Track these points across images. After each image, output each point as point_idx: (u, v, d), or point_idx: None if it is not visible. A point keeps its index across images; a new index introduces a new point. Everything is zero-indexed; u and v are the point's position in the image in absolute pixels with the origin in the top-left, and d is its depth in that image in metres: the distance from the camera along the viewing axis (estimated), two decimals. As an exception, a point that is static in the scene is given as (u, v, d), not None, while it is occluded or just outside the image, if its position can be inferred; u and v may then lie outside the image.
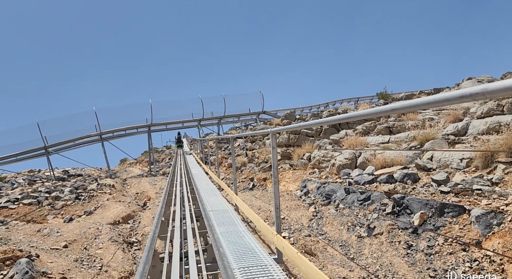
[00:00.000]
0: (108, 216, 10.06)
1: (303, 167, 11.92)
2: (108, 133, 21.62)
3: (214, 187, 8.58)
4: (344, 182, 8.10)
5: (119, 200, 12.98)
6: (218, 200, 6.56)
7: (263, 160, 15.60)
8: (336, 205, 7.33)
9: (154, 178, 20.47)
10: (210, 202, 6.23)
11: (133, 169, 26.49)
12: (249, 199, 10.18)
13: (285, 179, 11.61)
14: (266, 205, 8.92)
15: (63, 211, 11.73)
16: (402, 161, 7.81)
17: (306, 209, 7.87)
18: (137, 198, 14.81)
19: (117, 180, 19.93)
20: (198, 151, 20.91)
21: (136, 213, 10.84)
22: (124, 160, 39.51)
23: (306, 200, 8.47)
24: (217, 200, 6.56)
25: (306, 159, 12.01)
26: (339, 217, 6.76)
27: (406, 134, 10.34)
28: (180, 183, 9.01)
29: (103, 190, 14.20)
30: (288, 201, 8.76)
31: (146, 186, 18.12)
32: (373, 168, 7.94)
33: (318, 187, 8.62)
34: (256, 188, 12.06)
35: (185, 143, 35.81)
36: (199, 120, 23.80)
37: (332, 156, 10.87)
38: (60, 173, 22.56)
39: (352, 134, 13.81)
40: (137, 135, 23.20)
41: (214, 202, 6.23)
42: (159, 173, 22.66)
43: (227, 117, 24.23)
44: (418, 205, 5.45)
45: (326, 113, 15.74)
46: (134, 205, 12.05)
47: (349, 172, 8.62)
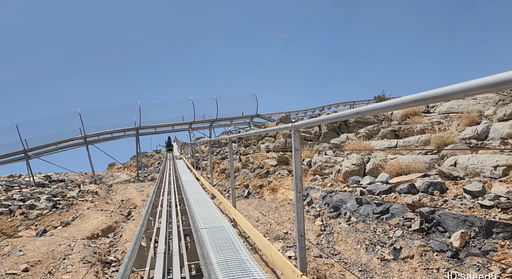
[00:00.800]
0: (86, 228, 8.92)
1: (303, 173, 10.94)
2: (94, 136, 20.39)
3: (206, 196, 7.53)
4: (354, 191, 7.13)
5: (101, 209, 11.82)
6: (212, 213, 5.53)
7: (258, 165, 14.59)
8: (347, 218, 6.36)
9: (142, 184, 19.28)
10: (202, 216, 5.20)
11: (121, 174, 25.21)
12: (244, 209, 9.15)
13: (284, 186, 10.61)
14: (264, 217, 7.90)
15: (38, 222, 10.54)
16: (419, 168, 6.88)
17: (311, 222, 6.87)
18: (122, 206, 13.64)
19: (101, 186, 18.68)
20: (189, 156, 19.82)
21: (118, 224, 9.71)
22: (113, 164, 38.10)
23: (311, 211, 7.48)
24: (210, 213, 5.52)
25: (306, 165, 11.05)
26: (353, 233, 5.78)
27: (415, 138, 9.46)
28: (168, 191, 7.95)
29: (84, 198, 13.01)
30: (289, 212, 7.76)
31: (133, 193, 16.93)
32: (387, 175, 7.00)
33: (323, 196, 7.64)
34: (252, 196, 11.03)
35: (175, 148, 34.61)
36: (190, 123, 22.71)
37: (335, 162, 9.92)
38: (41, 179, 21.19)
39: (354, 138, 12.92)
40: (124, 138, 22.01)
41: (207, 216, 5.20)
42: (147, 178, 21.46)
43: (219, 120, 23.19)
44: (454, 222, 4.50)
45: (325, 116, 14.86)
46: (117, 214, 10.90)
47: (359, 179, 7.67)
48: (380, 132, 11.73)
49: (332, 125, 14.55)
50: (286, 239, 6.35)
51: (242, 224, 4.28)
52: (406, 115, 13.21)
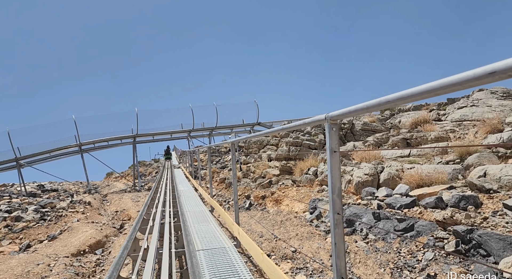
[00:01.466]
0: (73, 243, 8.13)
1: (309, 183, 10.19)
2: (89, 144, 19.65)
3: (204, 208, 6.77)
4: (370, 205, 6.39)
5: (93, 221, 11.01)
6: (211, 229, 4.77)
7: (260, 174, 13.84)
8: (363, 235, 5.60)
9: (138, 194, 18.45)
10: (200, 234, 4.45)
11: (117, 184, 24.39)
12: (246, 222, 8.38)
13: (288, 197, 9.85)
14: (269, 232, 7.12)
15: (23, 235, 9.73)
16: (443, 179, 6.16)
17: (322, 239, 6.11)
18: (115, 217, 12.83)
19: (96, 196, 17.86)
20: (187, 165, 19.06)
21: (109, 238, 8.91)
22: (110, 174, 37.29)
23: (320, 226, 6.72)
24: (209, 229, 4.77)
25: (312, 174, 10.31)
26: (372, 253, 5.01)
27: (432, 146, 8.74)
28: (163, 202, 7.18)
29: (75, 209, 12.20)
30: (297, 226, 6.99)
31: (128, 203, 16.11)
32: (407, 187, 6.26)
33: (334, 209, 6.87)
34: (254, 208, 10.26)
35: (174, 156, 33.86)
36: (189, 131, 22.00)
37: (344, 171, 9.18)
38: (34, 188, 20.38)
39: (361, 146, 12.21)
40: (121, 146, 21.27)
41: (205, 234, 4.44)
42: (144, 188, 20.64)
43: (219, 128, 22.49)
44: (500, 244, 3.76)
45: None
46: (109, 227, 10.10)
47: (373, 191, 6.92)
48: (390, 141, 11.03)
49: (339, 134, 13.84)
50: (295, 259, 5.58)
51: (248, 246, 3.52)
52: (416, 123, 12.54)
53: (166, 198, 8.01)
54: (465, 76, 0.98)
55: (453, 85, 1.02)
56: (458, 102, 12.46)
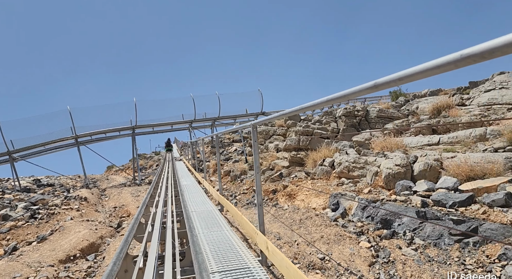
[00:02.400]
0: (62, 247, 7.14)
1: (325, 176, 9.17)
2: (86, 136, 18.60)
3: (212, 207, 5.73)
4: (409, 201, 5.36)
5: (88, 219, 10.02)
6: (226, 239, 3.73)
7: (268, 166, 12.82)
8: (407, 239, 4.57)
9: (138, 188, 17.47)
10: (212, 246, 3.42)
11: (116, 177, 23.41)
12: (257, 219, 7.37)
13: (303, 191, 8.84)
14: (287, 232, 6.11)
15: (10, 236, 8.77)
16: (498, 169, 5.11)
17: (355, 243, 5.09)
18: (113, 214, 11.84)
19: (93, 191, 16.88)
20: (189, 157, 18.05)
21: (104, 240, 7.92)
22: (111, 167, 36.35)
23: (348, 226, 5.71)
24: (224, 239, 3.72)
25: (329, 166, 9.27)
26: (426, 265, 3.99)
27: (465, 132, 7.69)
28: (165, 201, 6.15)
29: (69, 205, 11.21)
30: (320, 226, 5.97)
31: (127, 198, 15.12)
32: (454, 179, 5.22)
33: (363, 207, 5.86)
34: (265, 204, 9.24)
35: (175, 148, 32.84)
36: (191, 121, 20.92)
37: (367, 162, 8.14)
38: (29, 183, 19.39)
39: (378, 135, 11.15)
40: (119, 138, 20.21)
41: (220, 246, 3.41)
42: (144, 182, 19.65)
43: (221, 118, 21.41)
44: None
45: (343, 111, 13.12)
46: (105, 226, 9.11)
47: (409, 184, 5.89)
48: (413, 128, 9.97)
49: (351, 120, 12.80)
50: (325, 269, 4.56)
51: (285, 270, 2.45)
52: (437, 108, 11.46)
53: (167, 194, 6.97)
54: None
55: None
56: (484, 85, 11.36)
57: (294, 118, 17.40)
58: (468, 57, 0.89)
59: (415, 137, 9.40)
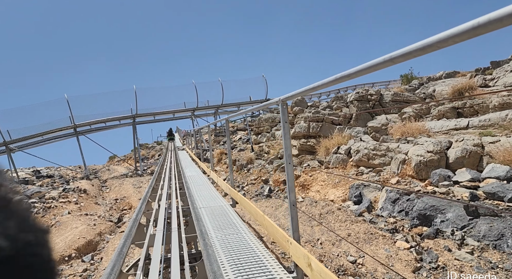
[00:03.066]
0: (58, 245, 6.45)
1: (341, 165, 8.42)
2: (85, 125, 17.86)
3: (223, 202, 4.99)
4: (451, 193, 4.60)
5: (86, 212, 9.34)
6: (246, 245, 2.99)
7: (276, 155, 12.08)
8: (457, 239, 3.83)
9: (140, 179, 16.80)
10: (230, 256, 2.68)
11: (118, 168, 22.73)
12: (272, 214, 6.66)
13: (318, 182, 8.11)
14: (306, 228, 5.38)
15: (2, 232, 8.08)
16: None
17: (390, 242, 4.35)
18: (114, 207, 11.18)
19: (94, 182, 16.22)
20: (193, 145, 17.31)
21: (103, 236, 7.24)
22: (113, 157, 35.73)
23: (378, 222, 4.97)
24: (243, 245, 2.98)
25: (345, 154, 8.51)
26: (490, 272, 3.25)
27: (502, 114, 6.89)
28: (168, 194, 5.42)
29: (67, 198, 10.53)
30: (345, 222, 5.23)
31: (129, 190, 14.46)
32: (506, 168, 4.45)
33: (393, 199, 5.12)
34: (275, 195, 8.54)
35: (177, 138, 32.13)
36: (193, 109, 20.12)
37: (388, 149, 7.38)
38: (29, 174, 18.75)
39: (395, 120, 10.36)
40: (120, 127, 19.48)
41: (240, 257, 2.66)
42: (146, 172, 18.99)
43: (225, 106, 20.59)
44: None
45: (355, 95, 12.31)
46: (105, 221, 8.43)
47: (448, 174, 5.12)
48: (435, 110, 9.16)
49: (363, 105, 11.98)
50: (360, 276, 3.84)
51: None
52: (458, 90, 10.62)
53: (171, 186, 6.24)
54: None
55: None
56: (509, 64, 10.49)
57: (301, 104, 16.56)
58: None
59: (438, 121, 8.61)
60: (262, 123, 16.54)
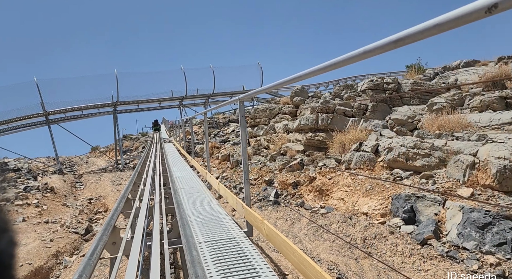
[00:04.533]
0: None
1: (366, 165, 6.72)
2: (58, 113, 15.68)
3: (235, 229, 3.18)
4: None
5: (47, 219, 7.40)
6: None
7: (278, 151, 10.33)
8: None
9: (120, 174, 14.81)
10: None
11: (98, 161, 20.56)
12: (289, 232, 4.92)
13: (340, 187, 6.39)
14: (349, 261, 3.65)
15: None
16: None
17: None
18: (86, 210, 9.24)
19: (67, 178, 14.15)
20: (181, 137, 15.38)
21: (60, 259, 5.35)
22: (96, 148, 33.28)
23: (464, 260, 3.29)
24: None
25: (371, 152, 6.82)
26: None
27: None
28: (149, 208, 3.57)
29: (27, 200, 8.53)
30: (412, 257, 3.52)
31: (106, 187, 12.49)
32: None
33: (482, 223, 3.44)
34: (284, 201, 6.83)
35: (163, 129, 30.00)
36: (181, 98, 18.14)
37: (433, 147, 5.72)
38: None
39: (421, 112, 8.73)
40: (99, 116, 17.35)
41: None
42: (128, 166, 16.97)
43: (216, 95, 18.69)
44: None
45: (368, 84, 10.66)
46: (68, 233, 6.53)
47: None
48: (476, 101, 7.56)
49: (379, 95, 10.33)
50: None
51: None
52: (492, 78, 9.07)
53: (154, 196, 4.40)
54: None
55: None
56: None
57: (302, 95, 14.83)
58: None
59: (483, 114, 7.00)
60: (259, 115, 14.74)
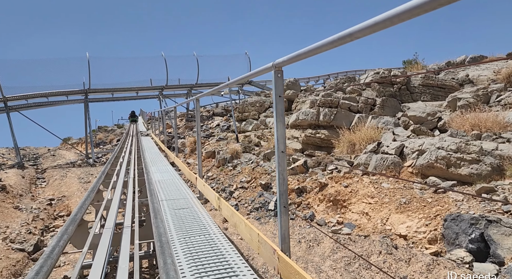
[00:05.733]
0: None
1: (390, 170, 5.48)
2: (19, 99, 13.66)
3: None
4: None
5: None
6: None
7: (272, 148, 8.99)
8: None
9: (90, 170, 13.03)
10: None
11: (67, 154, 18.51)
12: (303, 259, 3.62)
13: (361, 198, 5.12)
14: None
15: None
16: None
17: None
18: (43, 214, 7.58)
19: (27, 173, 12.26)
20: (160, 130, 13.74)
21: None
22: (68, 139, 30.77)
23: None
24: None
25: (395, 155, 5.60)
26: None
27: None
28: (115, 230, 2.10)
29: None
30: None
31: (72, 185, 10.76)
32: None
33: None
34: (288, 212, 5.46)
35: (141, 122, 28.02)
36: (161, 88, 16.46)
37: (482, 151, 4.55)
38: None
39: (439, 109, 7.62)
40: (68, 104, 15.41)
41: None
42: (100, 160, 15.17)
43: (200, 86, 17.10)
44: None
45: (374, 76, 9.51)
46: (9, 251, 4.94)
47: None
48: (503, 98, 6.49)
49: (386, 89, 9.17)
50: None
51: None
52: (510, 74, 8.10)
53: (124, 215, 2.96)
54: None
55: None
56: None
57: (294, 88, 13.55)
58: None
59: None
60: (247, 108, 13.34)
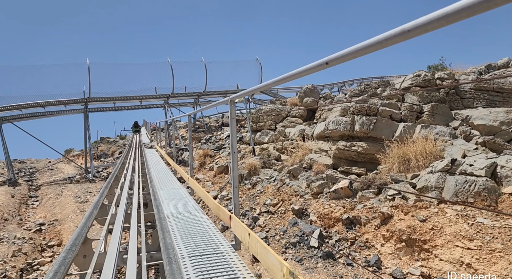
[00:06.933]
0: None
1: (481, 198, 4.04)
2: (12, 109, 12.36)
3: None
4: None
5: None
6: None
7: (298, 163, 7.58)
8: None
9: (89, 187, 11.62)
10: None
11: (65, 167, 17.10)
12: None
13: (451, 239, 3.68)
14: None
15: None
16: None
17: None
18: (28, 245, 6.15)
19: (17, 191, 10.84)
20: (166, 142, 12.35)
21: None
22: (69, 151, 29.40)
23: None
24: None
25: (487, 177, 4.16)
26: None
27: None
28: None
29: None
30: None
31: (67, 206, 9.33)
32: None
33: None
34: (337, 251, 4.07)
35: (144, 133, 26.68)
36: (167, 96, 15.14)
37: None
38: None
39: (507, 116, 6.22)
40: (67, 115, 14.09)
41: None
42: (101, 175, 13.77)
43: (208, 94, 15.80)
44: None
45: (415, 79, 8.16)
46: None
47: None
48: None
49: (431, 94, 7.80)
50: None
51: None
52: None
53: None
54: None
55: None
56: None
57: (313, 95, 12.23)
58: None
59: None
60: (262, 117, 11.96)
